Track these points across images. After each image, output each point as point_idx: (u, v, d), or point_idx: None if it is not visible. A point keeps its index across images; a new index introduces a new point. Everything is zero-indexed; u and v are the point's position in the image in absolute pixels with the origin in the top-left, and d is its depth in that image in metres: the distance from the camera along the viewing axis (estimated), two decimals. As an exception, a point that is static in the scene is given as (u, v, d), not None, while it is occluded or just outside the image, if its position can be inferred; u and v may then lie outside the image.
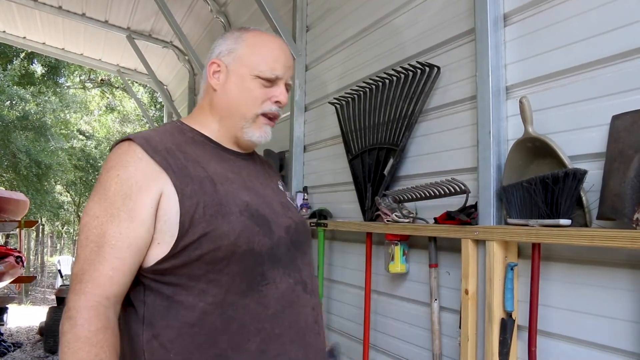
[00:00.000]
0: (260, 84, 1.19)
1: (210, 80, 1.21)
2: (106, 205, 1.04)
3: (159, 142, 1.11)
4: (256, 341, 1.07)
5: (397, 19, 2.26)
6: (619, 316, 1.31)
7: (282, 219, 1.18)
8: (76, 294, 0.99)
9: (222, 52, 1.22)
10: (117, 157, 1.09)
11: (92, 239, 1.03)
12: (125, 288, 1.04)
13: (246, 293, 1.07)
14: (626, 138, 1.25)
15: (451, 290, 1.87)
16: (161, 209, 1.05)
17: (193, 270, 1.05)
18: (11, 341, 6.70)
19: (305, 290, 1.18)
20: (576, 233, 1.29)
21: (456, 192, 1.72)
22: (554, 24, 1.53)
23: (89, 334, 0.95)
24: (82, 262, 1.02)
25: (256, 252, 1.09)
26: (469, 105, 1.83)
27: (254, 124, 1.21)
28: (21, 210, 7.90)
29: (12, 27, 6.45)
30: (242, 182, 1.17)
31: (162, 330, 1.05)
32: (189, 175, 1.08)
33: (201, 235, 1.04)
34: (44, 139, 14.54)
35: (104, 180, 1.06)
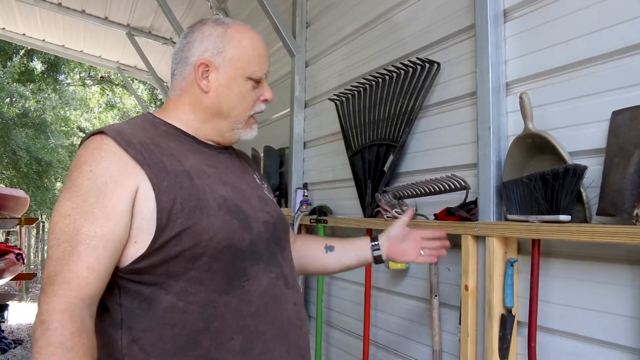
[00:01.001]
0: (251, 85, 1.19)
1: (199, 82, 1.16)
2: (79, 203, 0.99)
3: (132, 135, 1.06)
4: (239, 339, 1.04)
5: (397, 15, 2.26)
6: (618, 312, 1.31)
7: (260, 214, 1.16)
8: (48, 296, 0.93)
9: (208, 51, 1.16)
10: (89, 151, 1.03)
11: (65, 238, 0.97)
12: (101, 289, 1.00)
13: (227, 290, 1.05)
14: (626, 134, 1.25)
15: (451, 286, 1.88)
16: (137, 205, 1.01)
17: (172, 268, 1.01)
18: (12, 338, 6.72)
19: (287, 285, 1.16)
20: (576, 229, 1.29)
21: (456, 188, 1.72)
22: (554, 19, 1.52)
23: (63, 337, 0.90)
24: (55, 263, 0.97)
25: (236, 247, 1.06)
26: (469, 101, 1.83)
27: (245, 125, 1.21)
28: (21, 207, 7.91)
29: (11, 24, 6.45)
30: (219, 175, 1.14)
31: (142, 334, 1.00)
32: (164, 170, 1.04)
33: (180, 231, 1.01)
34: (44, 136, 14.55)
35: (75, 176, 1.01)
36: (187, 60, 1.17)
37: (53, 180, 16.63)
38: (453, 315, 1.85)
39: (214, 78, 1.16)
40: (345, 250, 1.48)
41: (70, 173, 1.03)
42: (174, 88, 1.21)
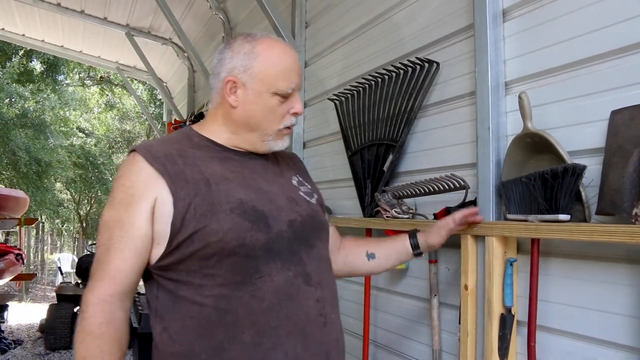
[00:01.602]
0: (278, 100, 1.23)
1: (228, 97, 1.24)
2: (114, 212, 1.16)
3: (159, 150, 1.20)
4: (251, 333, 1.11)
5: (396, 15, 2.26)
6: (617, 311, 1.31)
7: (286, 213, 1.21)
8: (88, 291, 1.12)
9: (236, 68, 1.22)
10: (124, 167, 1.21)
11: (103, 242, 1.15)
12: (131, 285, 1.14)
13: (239, 286, 1.12)
14: (625, 133, 1.25)
15: (451, 285, 1.88)
16: (157, 212, 1.14)
17: (189, 266, 1.13)
18: (12, 338, 6.72)
19: (309, 283, 1.19)
20: (575, 228, 1.29)
21: (455, 188, 1.72)
22: (553, 19, 1.52)
23: (93, 327, 1.07)
24: (95, 263, 1.14)
25: (248, 246, 1.13)
26: (468, 100, 1.83)
27: (275, 137, 1.27)
28: (21, 207, 7.91)
29: (11, 25, 6.45)
30: (242, 180, 1.21)
31: (170, 323, 1.14)
32: (184, 179, 1.15)
33: (192, 233, 1.11)
34: (43, 137, 14.55)
35: (114, 189, 1.19)
36: (219, 76, 1.26)
37: (52, 181, 16.65)
38: (453, 314, 1.85)
39: (241, 94, 1.23)
40: (388, 257, 1.55)
41: (112, 185, 1.21)
42: (211, 101, 1.31)
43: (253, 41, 1.23)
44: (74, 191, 19.29)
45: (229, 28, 4.75)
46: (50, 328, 6.24)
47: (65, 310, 6.37)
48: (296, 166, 1.44)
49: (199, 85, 6.16)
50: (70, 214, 21.05)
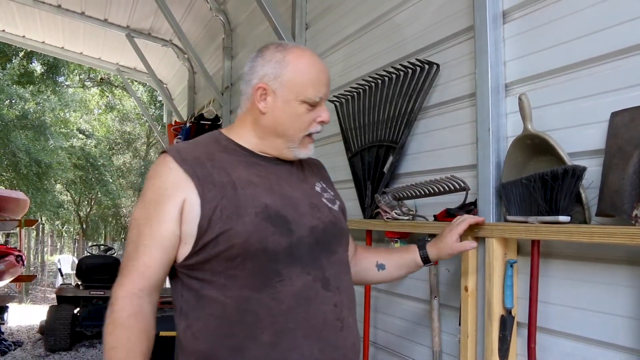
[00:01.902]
0: (306, 108, 1.27)
1: (258, 103, 1.28)
2: (144, 211, 1.21)
3: (189, 152, 1.24)
4: (269, 334, 1.15)
5: (396, 16, 2.26)
6: (618, 312, 1.31)
7: (308, 219, 1.25)
8: (117, 285, 1.17)
9: (267, 76, 1.27)
10: (155, 168, 1.25)
11: (132, 239, 1.20)
12: (158, 281, 1.19)
13: (260, 288, 1.16)
14: (625, 134, 1.25)
15: (451, 287, 1.88)
16: (184, 212, 1.18)
17: (214, 267, 1.17)
18: (12, 340, 6.71)
19: (327, 287, 1.23)
20: (575, 230, 1.29)
21: (456, 189, 1.72)
22: (553, 21, 1.53)
23: (122, 319, 1.13)
24: (125, 259, 1.20)
25: (270, 250, 1.17)
26: (468, 102, 1.83)
27: (300, 144, 1.31)
28: (21, 209, 7.91)
29: (11, 26, 6.45)
30: (267, 185, 1.25)
31: (193, 321, 1.19)
32: (212, 182, 1.19)
33: (218, 235, 1.15)
34: (43, 138, 14.54)
35: (145, 188, 1.24)
36: (250, 82, 1.30)
37: (53, 182, 16.63)
38: (453, 316, 1.85)
39: (270, 101, 1.27)
40: (398, 268, 1.56)
41: (143, 185, 1.25)
42: (241, 106, 1.35)
43: (284, 50, 1.28)
44: (74, 192, 19.29)
45: (229, 29, 4.76)
46: (50, 329, 6.24)
47: (65, 312, 6.37)
48: (320, 173, 1.48)
49: (199, 87, 6.16)
50: (71, 215, 21.05)
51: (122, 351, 1.11)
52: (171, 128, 5.76)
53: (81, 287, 6.88)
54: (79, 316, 6.65)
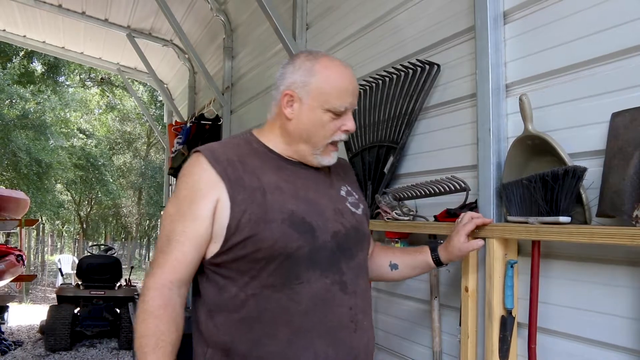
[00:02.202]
0: (330, 116, 1.30)
1: (284, 109, 1.32)
2: (177, 207, 1.26)
3: (222, 153, 1.28)
4: (286, 332, 1.21)
5: (397, 17, 2.27)
6: (618, 313, 1.31)
7: (332, 225, 1.30)
8: (149, 277, 1.23)
9: (295, 83, 1.30)
10: (188, 166, 1.29)
11: (165, 233, 1.25)
12: (187, 275, 1.24)
13: (280, 289, 1.22)
14: (626, 135, 1.25)
15: (451, 287, 1.88)
16: (216, 212, 1.23)
17: (240, 266, 1.23)
18: (12, 340, 6.71)
19: (344, 291, 1.28)
20: (576, 230, 1.29)
21: (456, 189, 1.72)
22: (554, 21, 1.53)
23: (152, 308, 1.18)
24: (157, 252, 1.26)
25: (293, 255, 1.22)
26: (468, 102, 1.84)
27: (323, 152, 1.34)
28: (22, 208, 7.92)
29: (12, 26, 6.46)
30: (294, 191, 1.30)
31: (216, 314, 1.25)
32: (242, 185, 1.24)
33: (246, 238, 1.21)
34: (44, 138, 14.55)
35: (178, 186, 1.29)
36: (279, 88, 1.34)
37: (53, 182, 16.63)
38: (453, 316, 1.85)
39: (297, 107, 1.31)
40: (412, 269, 1.57)
41: (177, 183, 1.31)
42: (270, 110, 1.38)
43: (313, 59, 1.32)
44: (75, 192, 19.30)
45: (230, 30, 4.76)
46: (50, 329, 6.24)
47: (65, 312, 6.37)
48: (347, 175, 1.51)
49: (199, 87, 6.17)
50: (71, 215, 21.06)
51: (152, 339, 1.16)
52: (172, 128, 5.76)
53: (81, 286, 6.88)
54: (79, 316, 6.64)
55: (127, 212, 21.78)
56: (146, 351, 1.15)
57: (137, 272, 14.84)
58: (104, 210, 21.46)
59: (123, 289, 7.00)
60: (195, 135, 4.87)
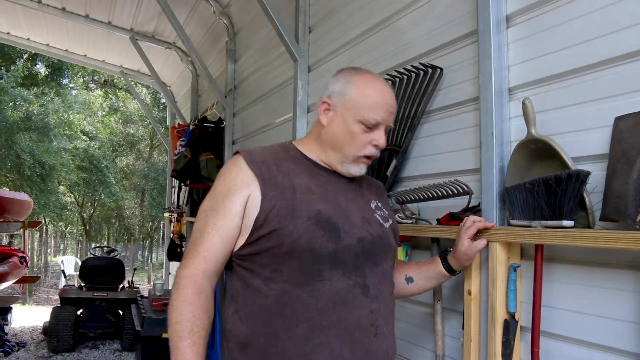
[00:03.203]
0: (362, 128, 1.33)
1: (321, 117, 1.38)
2: (212, 202, 1.32)
3: (259, 155, 1.36)
4: (303, 328, 1.24)
5: (400, 20, 2.27)
6: (621, 317, 1.31)
7: (358, 230, 1.33)
8: (183, 267, 1.28)
9: (333, 93, 1.36)
10: (228, 166, 1.38)
11: (199, 227, 1.31)
12: (217, 266, 1.30)
13: (301, 285, 1.25)
14: (629, 139, 1.25)
15: (454, 291, 1.88)
16: (247, 208, 1.29)
17: (262, 260, 1.28)
18: (15, 341, 6.73)
19: (366, 294, 1.30)
20: (579, 234, 1.29)
21: (459, 193, 1.72)
22: (557, 25, 1.53)
23: (186, 296, 1.22)
24: (190, 244, 1.31)
25: (317, 252, 1.25)
26: (471, 106, 1.84)
27: (353, 162, 1.38)
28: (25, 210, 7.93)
29: (16, 29, 6.48)
30: (324, 194, 1.34)
31: (240, 307, 1.30)
32: (274, 183, 1.30)
33: (271, 231, 1.25)
34: (47, 140, 14.58)
35: (216, 182, 1.36)
36: (321, 97, 1.40)
37: (56, 184, 16.67)
38: (456, 320, 1.85)
39: (331, 115, 1.36)
40: (427, 280, 1.58)
41: (215, 180, 1.37)
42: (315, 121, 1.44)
43: (355, 73, 1.38)
44: (78, 194, 19.33)
45: (233, 32, 4.77)
46: (53, 331, 6.25)
47: (68, 313, 6.39)
48: (378, 193, 1.54)
49: (202, 89, 6.18)
50: (74, 217, 21.10)
51: (187, 324, 1.19)
52: (174, 130, 5.78)
53: (84, 288, 6.90)
54: (82, 317, 6.66)
55: (130, 214, 21.82)
56: (181, 335, 1.18)
57: (139, 274, 14.85)
58: (107, 212, 21.49)
59: (126, 291, 7.01)
60: (198, 138, 4.88)
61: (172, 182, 6.70)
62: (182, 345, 1.17)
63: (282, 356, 1.23)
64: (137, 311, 5.66)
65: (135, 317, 5.55)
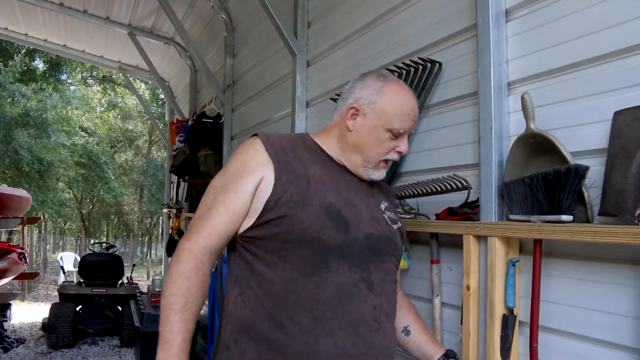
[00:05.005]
0: (389, 136, 1.35)
1: (348, 121, 1.38)
2: (224, 180, 1.32)
3: (276, 140, 1.36)
4: (307, 317, 1.24)
5: (399, 15, 2.26)
6: (620, 312, 1.31)
7: (366, 226, 1.33)
8: (185, 240, 1.27)
9: (363, 99, 1.36)
10: (244, 146, 1.36)
11: (207, 202, 1.31)
12: (220, 244, 1.29)
13: (307, 274, 1.25)
14: (628, 134, 1.25)
15: (453, 286, 1.88)
16: (259, 189, 1.28)
17: (269, 245, 1.28)
18: (14, 337, 6.73)
19: (370, 289, 1.30)
20: (578, 229, 1.29)
21: (458, 188, 1.72)
22: (556, 19, 1.52)
23: (184, 270, 1.22)
24: (196, 218, 1.30)
25: (324, 242, 1.25)
26: (470, 101, 1.83)
27: (375, 167, 1.39)
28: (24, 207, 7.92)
29: (14, 24, 6.46)
30: (336, 187, 1.34)
31: (245, 289, 1.30)
32: (289, 169, 1.30)
33: (281, 216, 1.25)
34: (45, 136, 14.55)
35: (230, 161, 1.36)
36: (346, 100, 1.40)
37: (55, 180, 16.64)
38: (455, 315, 1.85)
39: (359, 121, 1.37)
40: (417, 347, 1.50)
41: (230, 158, 1.37)
42: (332, 118, 1.45)
43: (384, 81, 1.38)
44: (76, 190, 19.31)
45: (231, 28, 4.75)
46: (52, 327, 6.25)
47: (67, 309, 6.39)
48: (388, 196, 1.54)
49: (201, 85, 6.16)
50: (73, 213, 21.08)
51: (181, 298, 1.20)
52: (173, 126, 5.76)
53: (83, 284, 6.90)
54: (81, 313, 6.66)
55: (129, 209, 21.80)
56: (174, 308, 1.19)
57: (138, 270, 14.86)
58: (106, 208, 21.46)
59: (125, 287, 7.01)
60: (197, 134, 4.87)
61: (171, 178, 6.69)
62: (173, 318, 1.18)
63: (284, 343, 1.23)
64: (136, 307, 5.66)
65: (135, 313, 5.55)
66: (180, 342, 1.18)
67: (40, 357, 5.95)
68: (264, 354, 1.24)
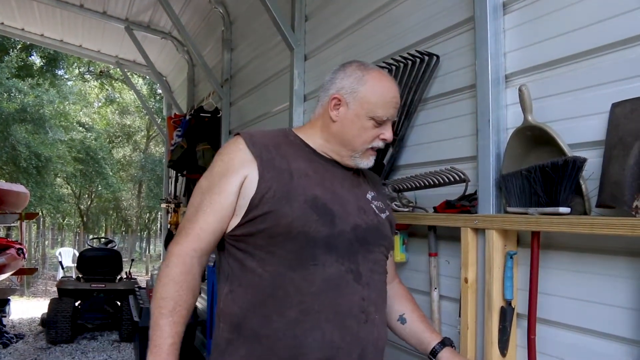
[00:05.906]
0: (372, 124, 1.36)
1: (331, 111, 1.38)
2: (209, 180, 1.33)
3: (259, 138, 1.36)
4: (295, 311, 1.25)
5: (396, 7, 2.25)
6: (617, 304, 1.31)
7: (353, 218, 1.34)
8: (174, 244, 1.29)
9: (344, 89, 1.37)
10: (227, 146, 1.38)
11: (195, 204, 1.32)
12: (210, 245, 1.31)
13: (295, 268, 1.26)
14: (626, 125, 1.25)
15: (451, 278, 1.88)
16: (244, 188, 1.29)
17: (257, 241, 1.28)
18: (14, 332, 6.74)
19: (358, 281, 1.30)
20: (575, 221, 1.29)
21: (455, 181, 1.72)
22: (554, 11, 1.52)
23: (174, 274, 1.24)
24: (185, 221, 1.32)
25: (311, 236, 1.26)
26: (468, 93, 1.83)
27: (362, 155, 1.40)
28: (22, 202, 7.91)
29: (10, 19, 6.42)
30: (320, 180, 1.35)
31: (235, 287, 1.31)
32: (272, 166, 1.31)
33: (266, 212, 1.26)
34: (43, 131, 14.51)
35: (214, 161, 1.37)
36: (327, 91, 1.41)
37: (52, 176, 16.60)
38: (453, 307, 1.85)
39: (342, 111, 1.37)
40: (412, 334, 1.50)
41: (214, 158, 1.38)
42: (314, 111, 1.46)
43: (365, 70, 1.38)
44: (75, 186, 19.28)
45: (229, 22, 4.74)
46: (51, 322, 6.25)
47: (66, 305, 6.39)
48: (375, 185, 1.55)
49: (198, 79, 6.14)
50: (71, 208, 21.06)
51: (171, 302, 1.22)
52: (171, 121, 5.75)
53: (82, 279, 6.90)
54: (80, 309, 6.67)
55: (127, 205, 21.79)
56: (164, 312, 1.21)
57: (137, 265, 14.87)
58: (104, 203, 21.45)
59: (123, 282, 7.02)
60: (195, 128, 4.86)
61: (169, 172, 6.69)
62: (163, 322, 1.20)
63: (272, 338, 1.24)
64: (135, 302, 5.66)
65: (133, 308, 5.56)
66: (170, 346, 1.20)
67: (39, 353, 5.96)
68: (255, 349, 1.25)
